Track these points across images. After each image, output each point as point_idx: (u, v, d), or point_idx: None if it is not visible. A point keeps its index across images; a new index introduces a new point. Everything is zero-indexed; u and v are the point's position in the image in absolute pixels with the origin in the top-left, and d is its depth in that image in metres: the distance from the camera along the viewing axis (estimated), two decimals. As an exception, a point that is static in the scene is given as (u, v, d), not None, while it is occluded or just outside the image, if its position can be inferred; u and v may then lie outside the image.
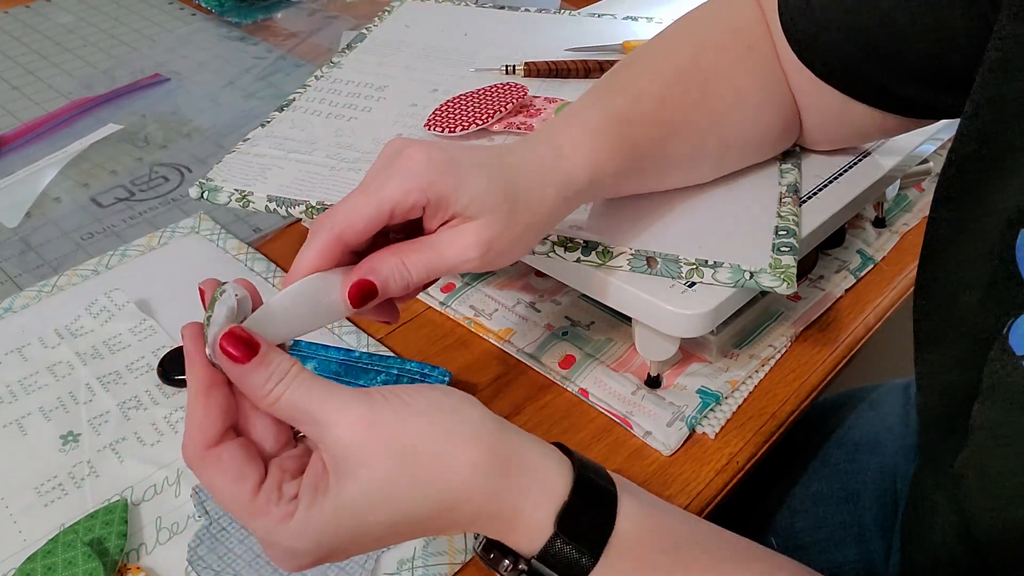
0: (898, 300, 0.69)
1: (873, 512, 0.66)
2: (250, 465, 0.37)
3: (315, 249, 0.41)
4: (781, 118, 0.59)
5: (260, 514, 0.36)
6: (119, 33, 1.09)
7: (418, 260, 0.43)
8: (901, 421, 0.71)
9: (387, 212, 0.42)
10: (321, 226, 0.42)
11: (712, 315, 0.53)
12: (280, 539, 0.36)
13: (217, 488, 0.37)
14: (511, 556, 0.39)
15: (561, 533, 0.37)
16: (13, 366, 0.62)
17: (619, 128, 0.51)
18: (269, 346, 0.37)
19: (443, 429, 0.37)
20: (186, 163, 0.86)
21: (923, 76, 0.52)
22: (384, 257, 0.42)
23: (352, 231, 0.41)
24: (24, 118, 0.92)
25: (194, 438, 0.37)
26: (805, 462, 0.71)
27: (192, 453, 0.37)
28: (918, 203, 0.77)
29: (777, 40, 0.57)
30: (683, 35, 0.59)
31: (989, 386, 0.37)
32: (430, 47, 0.80)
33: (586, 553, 0.37)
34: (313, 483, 0.37)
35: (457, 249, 0.43)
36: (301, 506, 0.36)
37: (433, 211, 0.43)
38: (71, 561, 0.49)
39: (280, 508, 0.36)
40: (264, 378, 0.36)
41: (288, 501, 0.36)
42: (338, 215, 0.42)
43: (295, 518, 0.36)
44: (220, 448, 0.37)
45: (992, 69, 0.41)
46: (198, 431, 0.37)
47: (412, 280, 0.43)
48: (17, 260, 0.74)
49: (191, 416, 0.37)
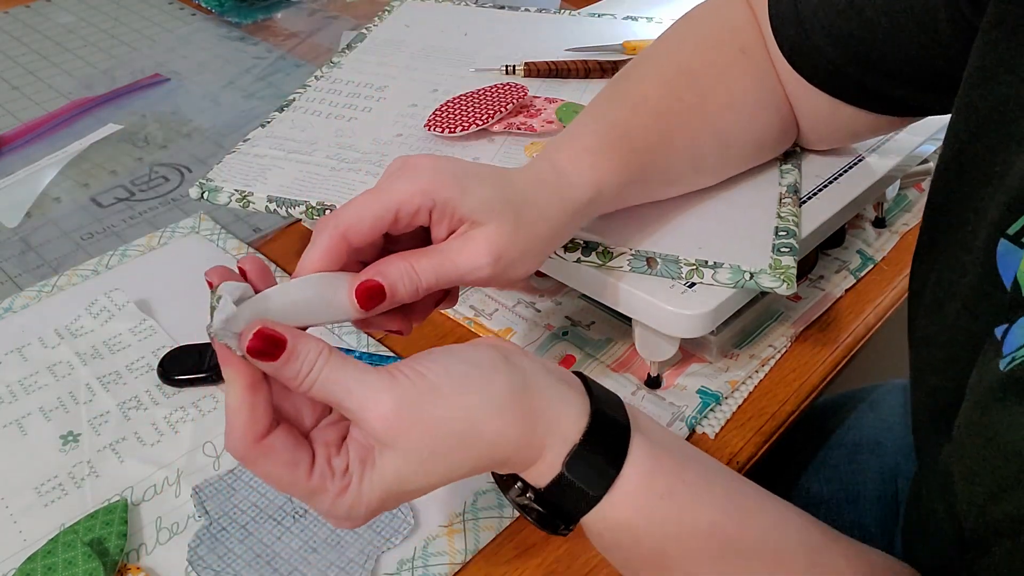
0: (898, 300, 0.69)
1: (874, 513, 0.66)
2: (300, 449, 0.38)
3: (320, 248, 0.41)
4: (778, 120, 0.59)
5: (318, 492, 0.38)
6: (119, 33, 1.09)
7: (427, 264, 0.42)
8: (902, 421, 0.71)
9: (393, 213, 0.42)
10: (326, 225, 0.42)
11: (712, 315, 0.53)
12: (340, 509, 0.38)
13: (274, 477, 0.38)
14: (521, 482, 0.41)
15: (568, 473, 0.39)
16: (13, 366, 0.62)
17: (619, 143, 0.52)
18: (295, 335, 0.38)
19: (468, 406, 0.38)
20: (186, 163, 0.86)
21: (909, 79, 0.52)
22: (393, 261, 0.42)
23: (357, 231, 0.41)
24: (24, 118, 0.92)
25: (244, 434, 0.37)
26: (805, 463, 0.71)
27: (243, 448, 0.38)
28: (918, 203, 0.77)
29: (769, 43, 0.57)
30: (676, 42, 0.59)
31: (972, 386, 0.37)
32: (430, 47, 0.80)
33: (591, 491, 0.39)
34: (360, 456, 0.38)
35: (468, 255, 0.43)
36: (354, 479, 0.38)
37: (440, 216, 0.43)
38: (71, 561, 0.49)
39: (335, 484, 0.38)
40: (296, 369, 0.37)
41: (341, 476, 0.38)
42: (343, 215, 0.42)
43: (350, 491, 0.38)
44: (270, 439, 0.38)
45: (970, 75, 0.41)
46: (248, 426, 0.37)
47: (421, 284, 0.42)
48: (17, 260, 0.74)
49: (237, 412, 0.37)
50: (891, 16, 0.50)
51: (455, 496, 0.53)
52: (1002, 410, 0.34)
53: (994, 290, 0.37)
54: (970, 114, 0.41)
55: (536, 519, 0.41)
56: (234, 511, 0.52)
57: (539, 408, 0.40)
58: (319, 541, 0.51)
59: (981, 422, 0.35)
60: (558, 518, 0.40)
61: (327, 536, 0.51)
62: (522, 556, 0.51)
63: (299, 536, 0.51)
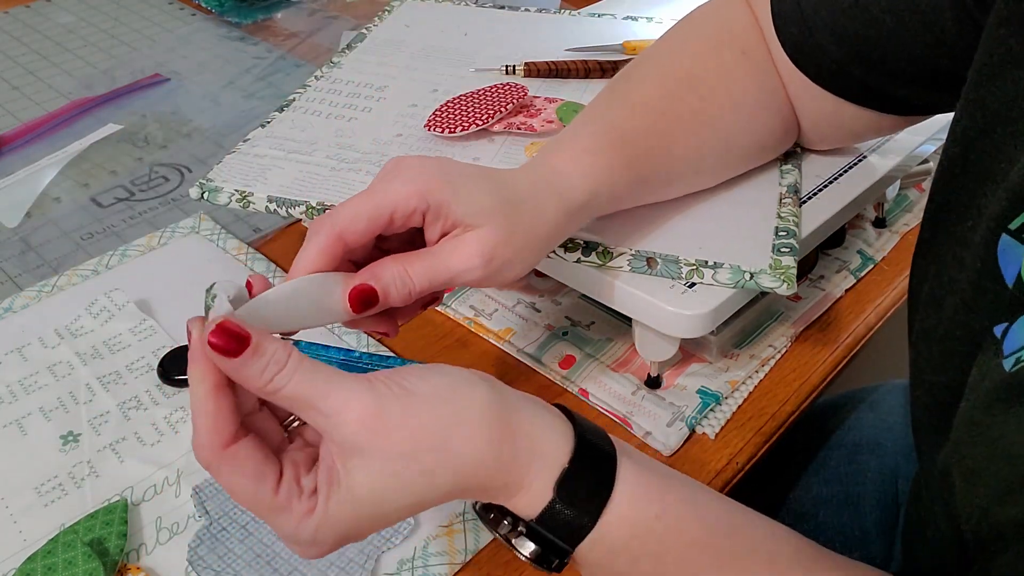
0: (898, 300, 0.69)
1: (874, 514, 0.66)
2: (267, 463, 0.37)
3: (316, 248, 0.41)
4: (780, 120, 0.59)
5: (282, 511, 0.36)
6: (119, 33, 1.09)
7: (420, 268, 0.42)
8: (902, 421, 0.71)
9: (388, 214, 0.42)
10: (322, 225, 0.42)
11: (712, 315, 0.53)
12: (304, 533, 0.37)
13: (237, 488, 0.37)
14: (510, 517, 0.40)
15: (559, 499, 0.38)
16: (13, 366, 0.62)
17: (617, 144, 0.52)
18: (261, 335, 0.36)
19: (447, 417, 0.37)
20: (186, 163, 0.86)
21: (914, 78, 0.52)
22: (386, 264, 0.42)
23: (353, 231, 0.41)
24: (24, 118, 0.92)
25: (208, 439, 0.36)
26: (805, 464, 0.71)
27: (208, 454, 0.36)
28: (918, 203, 0.77)
29: (771, 44, 0.57)
30: (676, 44, 0.59)
31: (972, 385, 0.37)
32: (430, 47, 0.80)
33: (583, 517, 0.38)
34: (328, 476, 0.37)
35: (460, 258, 0.43)
36: (320, 500, 0.36)
37: (433, 218, 0.43)
38: (71, 561, 0.49)
39: (302, 504, 0.36)
40: (260, 368, 0.36)
41: (309, 496, 0.37)
42: (339, 215, 0.42)
43: (316, 512, 0.36)
44: (236, 447, 0.36)
45: (978, 72, 0.41)
46: (212, 432, 0.36)
47: (414, 288, 0.42)
48: (17, 260, 0.74)
49: (202, 416, 0.36)
50: (896, 14, 0.50)
51: (455, 496, 0.53)
52: (1006, 412, 0.33)
53: (994, 286, 0.37)
54: (977, 111, 0.41)
55: (529, 555, 0.39)
56: (234, 511, 0.52)
57: (521, 429, 0.38)
58: (319, 541, 0.51)
59: (983, 423, 0.35)
60: (551, 552, 0.39)
61: (327, 536, 0.51)
62: (522, 556, 0.51)
63: (299, 536, 0.51)
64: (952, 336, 0.41)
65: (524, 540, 0.39)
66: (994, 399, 0.34)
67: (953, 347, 0.41)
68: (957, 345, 0.40)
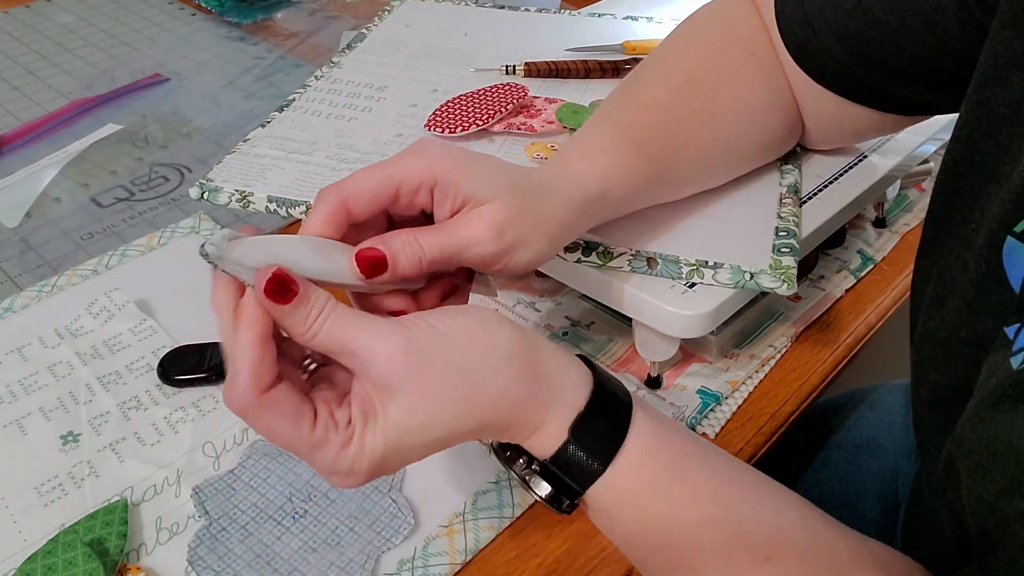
0: (899, 300, 0.69)
1: (874, 514, 0.66)
2: (304, 403, 0.38)
3: (321, 213, 0.41)
4: (785, 120, 0.59)
5: (321, 445, 0.37)
6: (119, 33, 1.09)
7: (430, 237, 0.42)
8: (902, 421, 0.71)
9: (395, 187, 0.42)
10: (327, 193, 0.42)
11: (712, 316, 0.53)
12: (341, 464, 0.38)
13: (276, 430, 0.38)
14: (525, 456, 0.41)
15: (573, 440, 0.39)
16: (13, 366, 0.62)
17: (629, 144, 0.52)
18: (306, 283, 0.38)
19: (476, 355, 0.39)
20: (186, 163, 0.85)
21: (916, 78, 0.52)
22: (396, 232, 0.42)
23: (357, 200, 0.41)
24: (24, 118, 0.92)
25: (249, 386, 0.37)
26: (805, 464, 0.71)
27: (247, 401, 0.37)
28: (919, 203, 0.77)
29: (776, 44, 0.57)
30: (683, 44, 0.59)
31: (981, 383, 0.37)
32: (430, 47, 0.80)
33: (595, 460, 0.39)
34: (363, 409, 0.38)
35: (471, 229, 0.43)
36: (357, 432, 0.38)
37: (442, 196, 0.43)
38: (71, 561, 0.49)
39: (339, 436, 0.38)
40: (304, 315, 0.37)
41: (345, 427, 0.38)
42: (346, 184, 0.42)
43: (353, 443, 0.38)
44: (274, 392, 0.37)
45: (983, 74, 0.41)
46: (254, 378, 0.37)
47: (424, 256, 0.42)
48: (17, 260, 0.74)
49: (244, 364, 0.37)
50: (899, 15, 0.50)
51: (455, 496, 0.53)
52: (1014, 408, 0.34)
53: (998, 287, 0.37)
54: (981, 112, 0.41)
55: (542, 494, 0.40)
56: (234, 511, 0.52)
57: (545, 370, 0.40)
58: (319, 541, 0.51)
59: (991, 419, 0.35)
60: (563, 492, 0.40)
61: (327, 536, 0.51)
62: (522, 556, 0.51)
63: (299, 536, 0.51)
64: (956, 337, 0.41)
65: (538, 479, 0.41)
66: (1001, 395, 0.34)
67: (957, 348, 0.41)
68: (961, 346, 0.40)
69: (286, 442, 0.38)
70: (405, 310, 0.44)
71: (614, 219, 0.55)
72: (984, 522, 0.35)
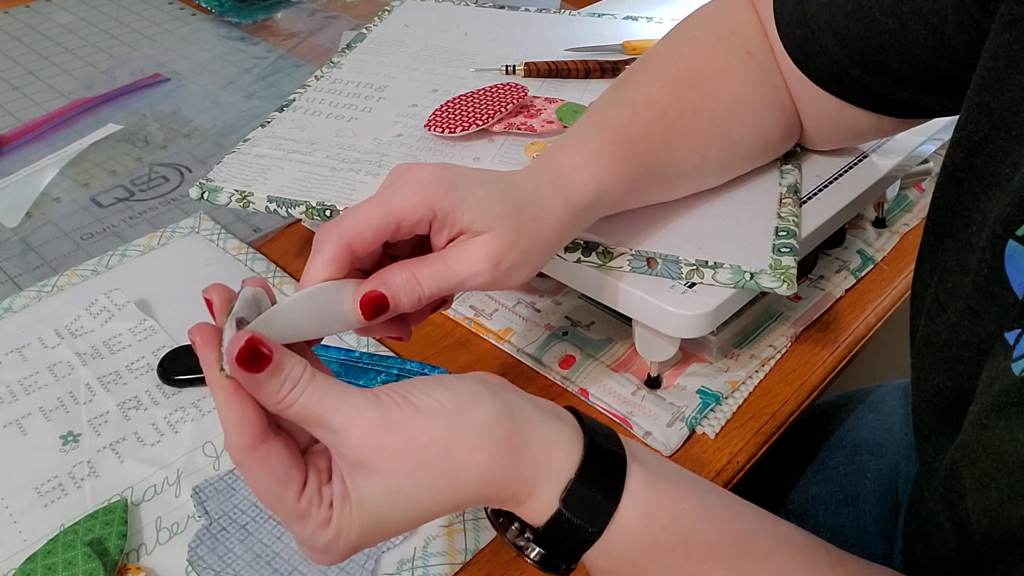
0: (898, 300, 0.69)
1: (874, 514, 0.66)
2: (295, 467, 0.37)
3: (325, 257, 0.41)
4: (783, 121, 0.59)
5: (301, 518, 0.37)
6: (119, 33, 1.09)
7: (429, 273, 0.42)
8: (902, 422, 0.71)
9: (395, 222, 0.42)
10: (329, 235, 0.41)
11: (712, 316, 0.53)
12: (318, 542, 0.37)
13: (262, 489, 0.37)
14: (519, 523, 0.40)
15: (566, 509, 0.38)
16: (13, 366, 0.62)
17: (622, 144, 0.51)
18: (282, 352, 0.37)
19: (452, 434, 0.37)
20: (186, 163, 0.86)
21: (915, 81, 0.52)
22: (395, 271, 0.42)
23: (361, 240, 0.41)
24: (24, 118, 0.92)
25: (237, 439, 0.37)
26: (804, 465, 0.71)
27: (237, 453, 0.37)
28: (918, 203, 0.77)
29: (775, 45, 0.57)
30: (680, 44, 0.59)
31: (982, 389, 0.37)
32: (430, 47, 0.80)
33: (589, 526, 0.38)
34: (340, 489, 0.37)
35: (467, 262, 0.43)
36: (336, 512, 0.37)
37: (440, 226, 0.43)
38: (71, 561, 0.49)
39: (320, 513, 0.37)
40: (277, 385, 0.36)
41: (328, 507, 0.37)
42: (346, 224, 0.41)
43: (331, 525, 0.37)
44: (267, 447, 0.37)
45: (983, 76, 0.41)
46: (238, 433, 0.36)
47: (423, 293, 0.42)
48: (17, 260, 0.74)
49: (227, 418, 0.37)
50: (898, 18, 0.50)
51: (455, 496, 0.53)
52: (1019, 416, 0.33)
53: (1000, 291, 0.37)
54: (982, 115, 0.41)
55: (536, 560, 0.40)
56: (234, 511, 0.52)
57: (528, 442, 0.39)
58: (319, 541, 0.51)
59: (994, 427, 0.35)
60: (558, 557, 0.39)
61: (327, 536, 0.51)
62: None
63: (299, 536, 0.51)
64: (957, 341, 0.40)
65: (532, 545, 0.40)
66: (1004, 403, 0.34)
67: (958, 353, 0.40)
68: (962, 351, 0.40)
69: (268, 504, 0.38)
70: (401, 336, 0.45)
71: (614, 219, 0.55)
72: (990, 531, 0.35)
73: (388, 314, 0.42)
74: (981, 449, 0.35)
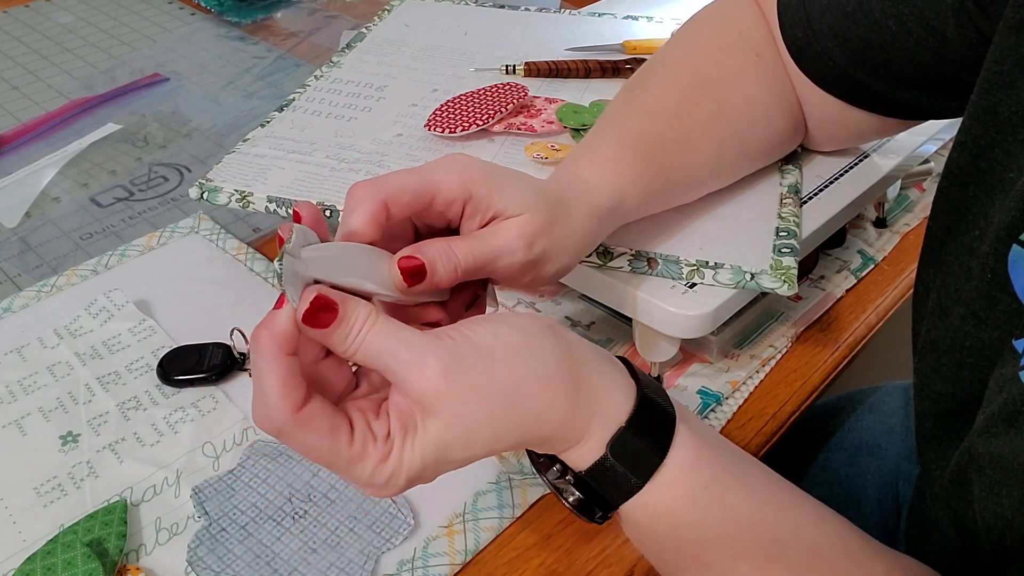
0: (899, 300, 0.69)
1: (874, 516, 0.66)
2: (337, 416, 0.37)
3: (364, 213, 0.40)
4: (790, 121, 0.59)
5: (359, 459, 0.37)
6: (119, 33, 1.09)
7: (465, 246, 0.42)
8: (902, 424, 0.71)
9: (431, 193, 0.41)
10: (366, 191, 0.40)
11: (713, 316, 0.53)
12: (379, 478, 0.37)
13: (313, 448, 0.37)
14: (560, 464, 0.40)
15: (612, 457, 0.38)
16: (13, 366, 0.62)
17: (640, 151, 0.52)
18: (344, 299, 0.37)
19: (517, 374, 0.37)
20: (186, 163, 0.85)
21: (917, 83, 0.52)
22: (431, 241, 0.42)
23: (397, 201, 0.40)
24: (24, 118, 0.92)
25: (281, 407, 0.36)
26: (805, 467, 0.71)
27: (281, 422, 0.36)
28: (919, 203, 0.77)
29: (779, 45, 0.57)
30: (689, 46, 0.59)
31: (990, 397, 0.37)
32: (430, 47, 0.80)
33: (633, 477, 0.39)
34: (402, 422, 0.37)
35: (503, 238, 0.43)
36: (396, 445, 0.37)
37: (473, 211, 0.43)
38: (71, 562, 0.49)
39: (377, 449, 0.37)
40: (344, 334, 0.37)
41: (384, 441, 0.37)
42: (384, 183, 0.41)
43: (392, 457, 0.37)
44: (307, 409, 0.36)
45: (988, 79, 0.41)
46: (284, 399, 0.36)
47: (459, 264, 0.41)
48: (17, 260, 0.74)
49: (271, 386, 0.36)
50: (899, 19, 0.50)
51: (455, 496, 0.53)
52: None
53: (1004, 297, 0.37)
54: (988, 118, 0.40)
55: (573, 504, 0.40)
56: (234, 512, 0.52)
57: (585, 385, 0.39)
58: (319, 542, 0.51)
59: (1005, 435, 0.34)
60: (596, 504, 0.40)
61: (327, 537, 0.51)
62: (522, 556, 0.51)
63: (299, 537, 0.51)
64: (961, 347, 0.40)
65: (572, 489, 0.40)
66: (1013, 412, 0.34)
67: (962, 358, 0.40)
68: (966, 356, 0.40)
69: (324, 458, 0.37)
70: (440, 321, 0.44)
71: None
72: (1000, 539, 0.35)
73: (426, 284, 0.41)
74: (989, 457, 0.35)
